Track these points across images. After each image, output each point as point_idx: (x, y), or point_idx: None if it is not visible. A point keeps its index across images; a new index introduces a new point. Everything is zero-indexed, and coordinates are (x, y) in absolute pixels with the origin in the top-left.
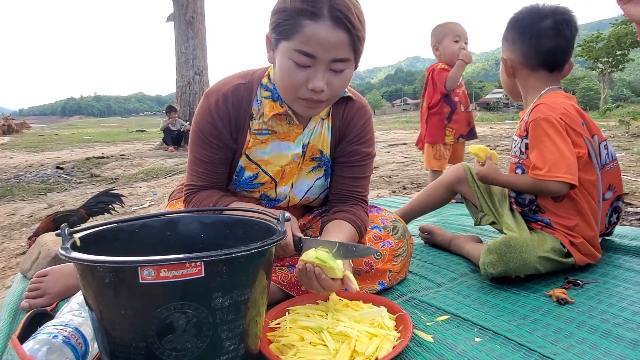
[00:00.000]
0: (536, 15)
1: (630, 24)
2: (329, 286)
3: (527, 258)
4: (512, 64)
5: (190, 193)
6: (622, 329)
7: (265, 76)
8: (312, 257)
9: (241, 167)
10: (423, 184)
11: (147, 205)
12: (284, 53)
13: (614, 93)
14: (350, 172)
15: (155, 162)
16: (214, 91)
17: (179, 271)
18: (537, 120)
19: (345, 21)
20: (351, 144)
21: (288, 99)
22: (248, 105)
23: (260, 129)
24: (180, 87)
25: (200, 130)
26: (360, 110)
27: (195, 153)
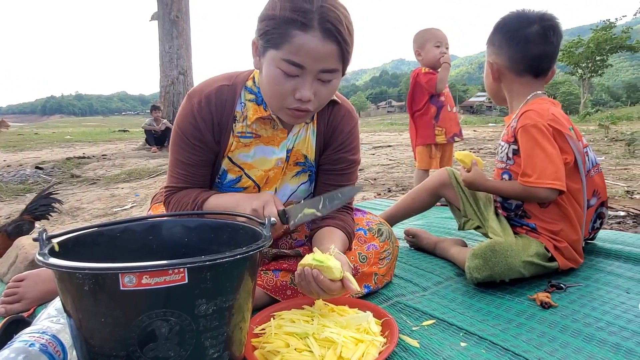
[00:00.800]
0: (524, 20)
1: (610, 30)
2: (328, 287)
3: (512, 263)
4: (498, 68)
5: (170, 194)
6: (605, 333)
7: (250, 79)
8: (309, 259)
9: (224, 170)
10: (408, 187)
11: (129, 207)
12: (271, 61)
13: (594, 98)
14: (335, 180)
15: (137, 162)
16: (197, 92)
17: (162, 278)
18: (526, 127)
19: (336, 33)
20: (337, 151)
21: (274, 108)
22: (231, 107)
23: (244, 133)
24: (164, 86)
25: (182, 132)
26: (346, 116)
27: (177, 154)
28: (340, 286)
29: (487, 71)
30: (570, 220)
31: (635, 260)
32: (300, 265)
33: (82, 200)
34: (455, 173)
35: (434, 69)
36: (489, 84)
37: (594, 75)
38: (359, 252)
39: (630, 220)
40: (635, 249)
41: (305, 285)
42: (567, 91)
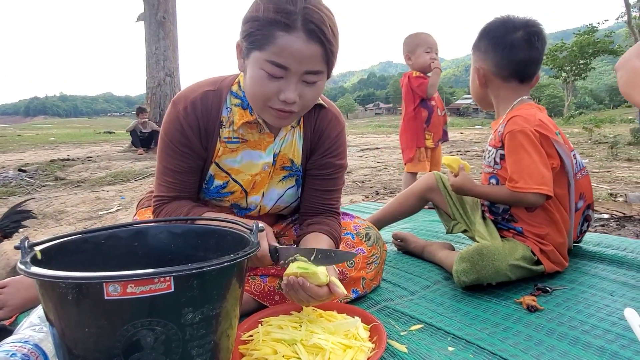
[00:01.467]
0: (509, 26)
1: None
2: (315, 294)
3: (498, 266)
4: (484, 73)
5: (160, 204)
6: (590, 336)
7: (236, 83)
8: (294, 268)
9: (211, 176)
10: (396, 189)
11: (114, 210)
12: (255, 63)
13: (577, 100)
14: (322, 185)
15: (123, 165)
16: (182, 98)
17: (147, 286)
18: (514, 133)
19: (319, 34)
20: (324, 156)
21: (258, 108)
22: (217, 112)
23: (231, 138)
24: (150, 88)
25: (169, 139)
26: (333, 120)
27: (165, 162)
28: (328, 291)
29: (474, 77)
30: (556, 224)
31: (619, 263)
32: (285, 275)
33: (66, 204)
34: (443, 177)
35: (424, 73)
36: (476, 89)
37: (578, 78)
38: None
39: (614, 223)
40: (619, 252)
41: (293, 294)
42: (551, 94)
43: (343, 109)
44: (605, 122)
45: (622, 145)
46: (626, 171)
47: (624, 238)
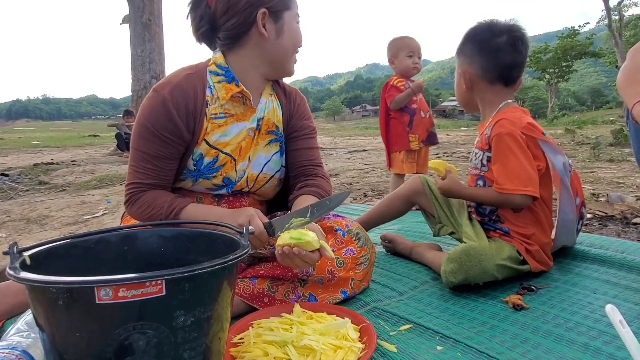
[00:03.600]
0: (495, 30)
1: (575, 37)
2: (311, 259)
3: (486, 266)
4: (470, 77)
5: (135, 192)
6: (574, 333)
7: (212, 64)
8: (287, 239)
9: (200, 155)
10: (384, 191)
11: (100, 214)
12: (291, 20)
13: (560, 102)
14: (304, 143)
15: (109, 168)
16: (165, 84)
17: (139, 290)
18: (501, 135)
19: None
20: (300, 119)
21: (290, 57)
22: (202, 92)
23: (217, 114)
24: (136, 91)
25: (151, 125)
26: (296, 92)
27: (144, 148)
28: (319, 255)
29: (459, 80)
30: (542, 225)
31: (601, 262)
32: (278, 246)
33: (50, 208)
34: (429, 180)
35: (407, 77)
36: (461, 92)
37: (561, 80)
38: (337, 256)
39: (597, 223)
40: (601, 251)
41: (289, 262)
42: (535, 96)
43: (330, 111)
44: (588, 124)
45: (603, 146)
46: (608, 172)
47: (606, 237)
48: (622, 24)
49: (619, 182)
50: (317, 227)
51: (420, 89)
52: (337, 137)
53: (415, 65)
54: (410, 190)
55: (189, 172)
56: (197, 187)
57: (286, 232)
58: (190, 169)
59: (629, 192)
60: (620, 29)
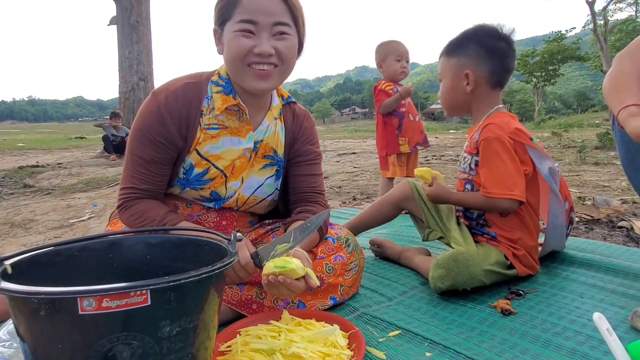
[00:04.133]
0: (496, 34)
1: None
2: (296, 287)
3: (473, 272)
4: (476, 78)
5: (129, 199)
6: (561, 338)
7: (215, 74)
8: (272, 267)
9: (190, 164)
10: (373, 194)
11: (86, 218)
12: (229, 31)
13: (547, 105)
14: (308, 169)
15: (95, 171)
16: (163, 90)
17: (123, 300)
18: (488, 139)
19: None
20: (305, 144)
21: (238, 72)
22: (198, 102)
23: (211, 124)
24: (123, 92)
25: (145, 129)
26: (306, 115)
27: (138, 152)
28: (305, 283)
29: (458, 82)
30: (528, 229)
31: (588, 266)
32: (264, 275)
33: (35, 212)
34: (417, 186)
35: (395, 81)
36: (458, 94)
37: (547, 84)
38: (326, 262)
39: (583, 226)
40: (587, 254)
41: (275, 291)
42: (522, 99)
43: (320, 114)
44: (574, 127)
45: (589, 150)
46: (594, 175)
47: (593, 241)
48: (607, 28)
49: (604, 185)
50: (303, 253)
51: (408, 93)
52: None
53: (403, 70)
54: (400, 195)
55: (178, 179)
56: (185, 195)
57: (271, 260)
58: (179, 176)
59: (615, 195)
60: (606, 34)
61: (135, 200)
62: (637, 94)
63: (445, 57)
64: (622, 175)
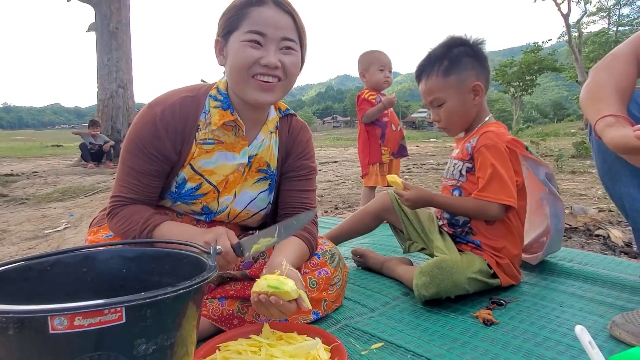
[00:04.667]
0: (474, 43)
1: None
2: (288, 309)
3: (457, 279)
4: (481, 90)
5: (117, 206)
6: (542, 348)
7: (214, 89)
8: (264, 286)
9: (184, 179)
10: (355, 203)
11: (62, 228)
12: (235, 41)
13: (525, 114)
14: (300, 185)
15: (72, 180)
16: (160, 102)
17: (96, 318)
18: (488, 146)
19: (288, 7)
20: (299, 159)
21: (241, 82)
22: (195, 117)
23: (206, 139)
24: (102, 100)
25: (139, 140)
26: (303, 128)
27: (130, 163)
28: (296, 305)
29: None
30: (513, 236)
31: (567, 274)
32: (254, 293)
33: (9, 222)
34: (397, 197)
35: (378, 90)
36: (467, 109)
37: (525, 93)
38: (310, 277)
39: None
40: (567, 263)
41: (264, 310)
42: (501, 108)
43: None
44: (550, 136)
45: (566, 158)
46: (571, 184)
47: (571, 249)
48: (581, 40)
49: (581, 193)
50: (297, 274)
51: (392, 104)
52: None
53: (386, 79)
54: (379, 206)
55: (170, 192)
56: (176, 208)
57: (263, 278)
58: (171, 190)
59: (591, 203)
60: (580, 45)
61: (122, 207)
62: (613, 105)
63: (440, 78)
64: (598, 184)
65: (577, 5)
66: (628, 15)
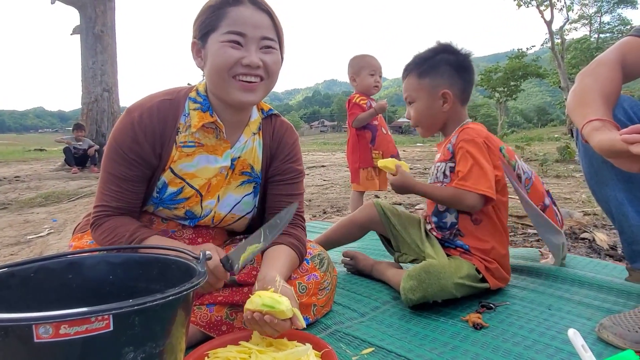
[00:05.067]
0: (459, 53)
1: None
2: (282, 328)
3: (444, 284)
4: (451, 98)
5: (101, 216)
6: (532, 352)
7: (194, 91)
8: (259, 304)
9: (164, 183)
10: (343, 208)
11: (45, 234)
12: (214, 42)
13: (509, 120)
14: (286, 189)
15: (56, 184)
16: (138, 106)
17: (83, 326)
18: (466, 140)
19: (265, 6)
20: (285, 162)
21: (222, 83)
22: (174, 120)
23: (187, 142)
24: (86, 104)
25: (119, 146)
26: (289, 129)
27: (111, 170)
28: (290, 323)
29: (435, 102)
30: (500, 235)
31: (554, 277)
32: (247, 310)
33: None
34: (384, 207)
35: (368, 95)
36: (435, 114)
37: (509, 99)
38: (299, 282)
39: None
40: (554, 266)
41: (257, 328)
42: (486, 113)
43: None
44: (535, 140)
45: (550, 163)
46: (556, 187)
47: None
48: (564, 47)
49: (566, 197)
50: (291, 291)
51: (383, 109)
52: None
53: (377, 84)
54: (366, 218)
55: (152, 198)
56: (159, 213)
57: (257, 295)
58: (153, 195)
59: (576, 207)
60: (563, 52)
61: (106, 218)
62: (599, 109)
63: (415, 78)
64: (583, 188)
65: (560, 13)
66: (609, 23)
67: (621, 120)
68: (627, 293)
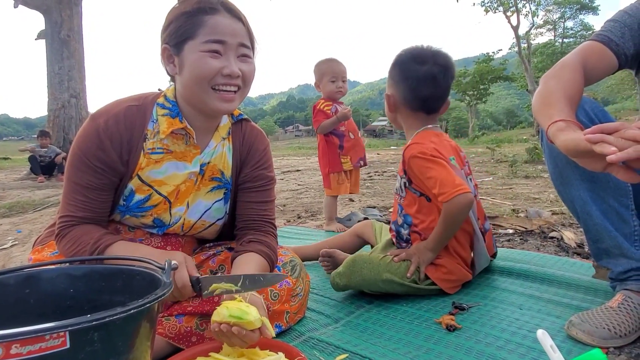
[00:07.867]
0: (418, 59)
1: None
2: (251, 339)
3: (367, 276)
4: (394, 101)
5: (65, 226)
6: (504, 352)
7: (162, 97)
8: (226, 316)
9: (131, 191)
10: (318, 212)
11: (9, 246)
12: (192, 50)
13: (480, 122)
14: (257, 196)
15: (21, 194)
16: (103, 113)
17: (36, 345)
18: (413, 156)
19: (239, 14)
20: (256, 169)
21: (201, 93)
22: (142, 126)
23: (155, 148)
24: (52, 110)
25: (83, 154)
26: (259, 135)
27: (76, 179)
28: (259, 333)
29: (386, 101)
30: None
31: (525, 276)
32: (215, 322)
33: None
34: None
35: (334, 100)
36: (387, 113)
37: (479, 102)
38: (271, 289)
39: (518, 238)
40: (524, 265)
41: (226, 339)
42: (457, 116)
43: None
44: (505, 142)
45: (520, 164)
46: (525, 188)
47: (527, 252)
48: (530, 51)
49: (535, 197)
50: (260, 300)
51: (346, 118)
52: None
53: (339, 90)
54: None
55: (118, 206)
56: (126, 221)
57: (224, 306)
58: (119, 203)
59: (545, 207)
60: (529, 56)
61: (71, 228)
62: (563, 110)
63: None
64: (550, 188)
65: (526, 18)
66: (572, 28)
67: (583, 122)
68: (595, 290)
